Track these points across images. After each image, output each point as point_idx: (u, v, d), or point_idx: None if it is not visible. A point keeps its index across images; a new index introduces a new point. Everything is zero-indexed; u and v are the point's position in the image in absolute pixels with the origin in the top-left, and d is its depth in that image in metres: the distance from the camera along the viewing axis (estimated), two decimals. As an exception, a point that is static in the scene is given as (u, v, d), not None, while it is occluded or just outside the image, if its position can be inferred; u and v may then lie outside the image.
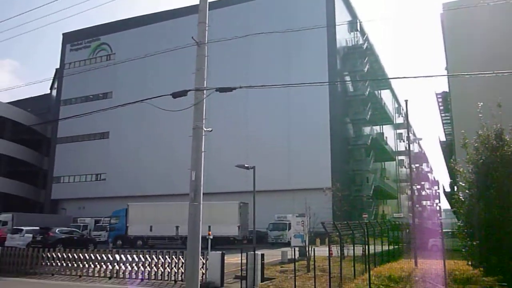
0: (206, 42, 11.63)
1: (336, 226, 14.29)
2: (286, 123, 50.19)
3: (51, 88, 77.52)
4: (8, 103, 71.51)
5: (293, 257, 18.58)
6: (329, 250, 13.80)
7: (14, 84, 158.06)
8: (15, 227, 35.04)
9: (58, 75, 69.33)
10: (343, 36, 54.94)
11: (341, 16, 53.48)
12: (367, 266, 15.23)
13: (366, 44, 57.38)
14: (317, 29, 35.48)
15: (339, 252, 18.04)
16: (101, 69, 56.19)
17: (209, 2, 12.53)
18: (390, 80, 64.04)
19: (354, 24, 57.82)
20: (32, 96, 79.75)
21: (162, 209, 38.18)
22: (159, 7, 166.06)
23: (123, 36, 62.91)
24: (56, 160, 65.42)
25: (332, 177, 45.44)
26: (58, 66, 70.58)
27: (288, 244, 33.70)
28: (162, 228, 36.17)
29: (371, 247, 17.20)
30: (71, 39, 68.37)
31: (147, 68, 56.47)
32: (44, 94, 79.33)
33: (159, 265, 17.01)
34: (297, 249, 21.26)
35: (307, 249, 20.14)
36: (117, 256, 18.07)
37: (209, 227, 34.35)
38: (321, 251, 21.31)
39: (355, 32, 58.50)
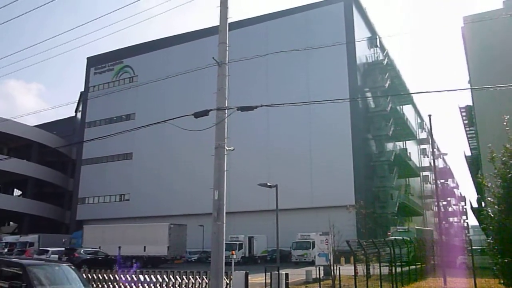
0: (227, 62, 11.74)
1: (361, 244, 14.05)
2: (308, 140, 50.02)
3: (76, 111, 79.25)
4: (35, 126, 73.29)
5: (317, 276, 18.28)
6: (355, 269, 13.54)
7: (40, 107, 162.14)
8: (41, 248, 35.53)
9: (83, 98, 70.92)
10: (363, 53, 54.87)
11: (360, 32, 53.51)
12: (395, 286, 14.87)
13: (386, 60, 57.15)
14: (336, 46, 35.48)
15: (365, 271, 17.68)
16: (124, 91, 57.26)
17: (228, 23, 12.72)
18: (412, 95, 63.46)
19: (373, 40, 57.73)
20: (58, 119, 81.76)
21: (111, 230, 40.51)
22: (180, 29, 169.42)
23: (145, 59, 64.13)
24: (81, 181, 66.41)
25: (355, 194, 44.99)
26: (82, 89, 72.25)
27: (312, 263, 33.23)
28: (110, 249, 36.70)
29: (397, 265, 16.81)
30: (95, 62, 70.04)
31: (169, 89, 57.28)
32: (69, 117, 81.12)
33: (183, 286, 16.92)
34: (321, 268, 20.93)
35: (332, 268, 19.81)
36: (141, 277, 18.07)
37: (144, 247, 35.41)
38: (346, 270, 20.92)
39: (375, 48, 58.38)
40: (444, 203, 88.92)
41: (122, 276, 18.44)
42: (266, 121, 51.27)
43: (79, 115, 74.23)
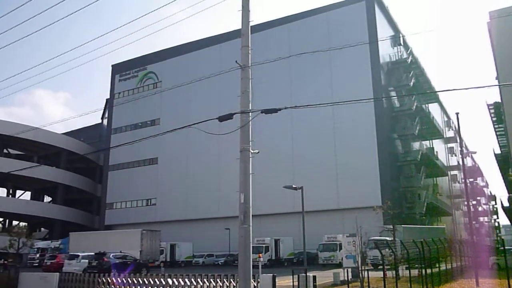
0: (250, 65, 11.78)
1: (389, 245, 13.86)
2: (332, 141, 49.69)
3: (102, 118, 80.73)
4: (63, 133, 74.99)
5: (345, 278, 18.10)
6: (384, 271, 13.37)
7: (67, 115, 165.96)
8: (72, 253, 36.21)
9: (108, 104, 72.19)
10: (386, 51, 54.25)
11: (383, 31, 52.94)
12: None
13: (410, 58, 56.35)
14: (359, 45, 35.16)
15: (393, 273, 17.43)
16: (148, 97, 58.06)
17: (250, 26, 12.76)
18: (438, 93, 62.36)
19: (397, 39, 57.00)
20: (85, 126, 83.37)
21: (94, 237, 43.03)
22: (202, 34, 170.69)
23: (169, 64, 64.89)
24: (109, 186, 67.53)
25: (382, 195, 44.43)
26: (108, 96, 73.56)
27: (339, 265, 32.94)
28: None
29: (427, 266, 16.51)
30: (119, 69, 71.23)
31: (192, 93, 57.76)
32: (96, 124, 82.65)
33: (211, 289, 17.00)
34: (349, 270, 20.71)
35: (360, 270, 19.59)
36: (170, 281, 18.24)
37: (120, 251, 36.32)
38: (374, 272, 20.66)
39: (398, 47, 57.62)
40: (474, 202, 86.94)
41: (151, 279, 18.66)
42: (290, 123, 51.13)
43: (105, 121, 75.58)
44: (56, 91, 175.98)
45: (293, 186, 21.37)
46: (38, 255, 43.52)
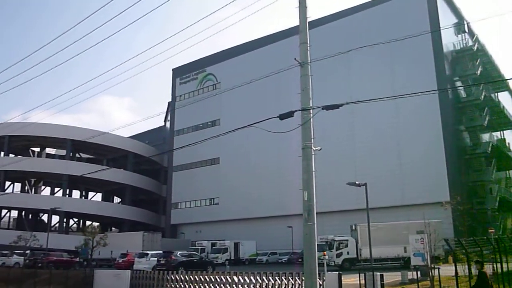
0: (309, 62, 11.69)
1: (461, 242, 13.24)
2: (395, 136, 48.29)
3: (165, 120, 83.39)
4: (129, 137, 78.28)
5: (416, 277, 17.52)
6: (456, 269, 12.80)
7: (131, 120, 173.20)
8: (141, 251, 37.71)
9: (170, 107, 74.46)
10: (449, 40, 51.87)
11: (446, 19, 50.65)
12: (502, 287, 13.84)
13: (476, 45, 53.49)
14: (421, 35, 33.86)
15: (465, 271, 16.64)
16: (208, 98, 59.19)
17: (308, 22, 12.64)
18: (508, 81, 58.70)
19: (461, 26, 54.31)
20: (149, 129, 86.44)
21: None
22: (258, 33, 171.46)
23: (227, 65, 65.87)
24: (173, 187, 69.61)
25: (450, 190, 42.61)
26: (170, 99, 75.85)
27: (406, 263, 31.98)
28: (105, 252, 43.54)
29: (504, 265, 15.61)
30: (180, 73, 73.22)
31: (251, 92, 58.08)
32: (159, 126, 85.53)
33: (276, 287, 17.09)
34: (418, 268, 20.02)
35: (430, 268, 18.88)
36: (236, 278, 18.52)
37: (127, 250, 39.03)
38: (444, 270, 19.84)
39: (463, 34, 54.88)
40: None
41: (217, 277, 19.04)
42: (350, 119, 50.22)
43: (168, 124, 77.99)
44: (120, 97, 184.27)
45: (357, 182, 20.94)
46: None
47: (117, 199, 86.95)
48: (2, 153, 70.45)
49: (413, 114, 46.78)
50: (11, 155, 71.29)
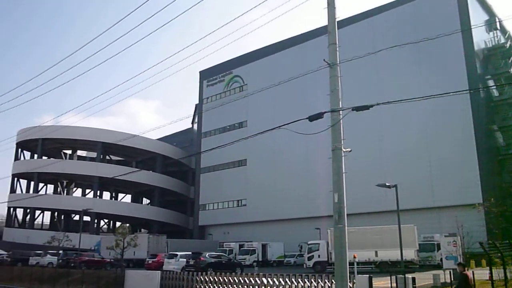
0: (338, 62, 11.62)
1: (496, 245, 12.89)
2: (424, 136, 47.40)
3: (192, 122, 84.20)
4: (157, 139, 79.33)
5: (450, 280, 17.14)
6: (491, 273, 12.48)
7: (158, 122, 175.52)
8: (170, 252, 38.12)
9: (198, 109, 75.11)
10: (481, 37, 50.61)
11: (477, 16, 49.44)
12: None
13: (509, 42, 52.05)
14: (451, 34, 33.11)
15: (500, 275, 16.19)
16: (235, 100, 59.40)
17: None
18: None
19: (492, 23, 52.93)
20: (176, 131, 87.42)
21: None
22: (284, 34, 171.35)
23: (253, 67, 66.02)
24: (201, 188, 70.14)
25: (482, 191, 41.52)
26: (197, 102, 76.51)
27: (437, 267, 31.36)
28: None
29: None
30: (207, 75, 73.78)
31: (278, 94, 57.96)
32: (187, 128, 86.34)
33: (306, 289, 16.97)
34: (450, 271, 19.60)
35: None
36: (264, 280, 18.50)
37: (134, 252, 39.34)
38: (478, 274, 19.35)
39: (495, 31, 53.47)
40: None
41: (246, 279, 19.07)
42: (377, 119, 49.48)
43: (195, 126, 78.71)
44: (147, 100, 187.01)
45: (387, 184, 20.64)
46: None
47: (146, 201, 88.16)
48: (36, 155, 72.50)
49: (444, 114, 45.83)
50: (44, 158, 73.25)
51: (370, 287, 14.70)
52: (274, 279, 18.16)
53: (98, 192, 73.14)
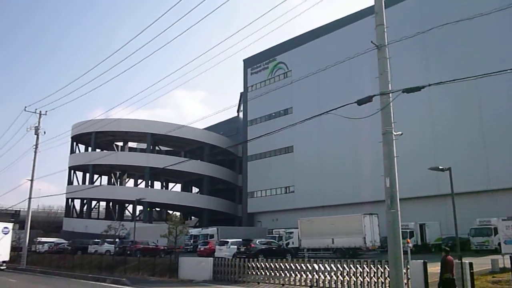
0: (386, 44, 11.33)
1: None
2: (477, 116, 45.33)
3: (238, 111, 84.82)
4: (204, 129, 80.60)
5: (505, 265, 16.53)
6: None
7: (204, 112, 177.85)
8: (221, 240, 38.84)
9: (243, 98, 75.53)
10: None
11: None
12: None
13: None
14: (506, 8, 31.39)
15: None
16: (280, 87, 59.14)
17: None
18: None
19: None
20: (222, 120, 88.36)
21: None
22: (327, 18, 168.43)
23: (297, 53, 65.40)
24: (249, 176, 70.70)
25: (543, 172, 39.51)
26: (241, 90, 76.91)
27: (494, 251, 30.31)
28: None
29: None
30: (251, 63, 73.85)
31: (323, 79, 57.19)
32: (233, 117, 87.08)
33: (358, 275, 16.91)
34: (510, 256, 18.83)
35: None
36: (316, 266, 18.55)
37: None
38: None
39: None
40: None
41: (297, 265, 19.20)
42: (427, 101, 47.85)
43: (241, 114, 79.24)
44: (193, 90, 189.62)
45: (440, 167, 19.99)
46: (192, 241, 47.39)
47: (195, 189, 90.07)
48: (90, 148, 75.57)
49: (498, 92, 43.72)
50: (98, 150, 76.23)
51: (425, 272, 14.42)
52: (326, 265, 18.18)
53: (149, 182, 75.35)
